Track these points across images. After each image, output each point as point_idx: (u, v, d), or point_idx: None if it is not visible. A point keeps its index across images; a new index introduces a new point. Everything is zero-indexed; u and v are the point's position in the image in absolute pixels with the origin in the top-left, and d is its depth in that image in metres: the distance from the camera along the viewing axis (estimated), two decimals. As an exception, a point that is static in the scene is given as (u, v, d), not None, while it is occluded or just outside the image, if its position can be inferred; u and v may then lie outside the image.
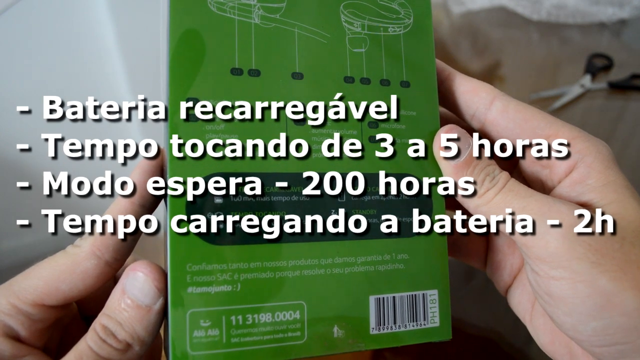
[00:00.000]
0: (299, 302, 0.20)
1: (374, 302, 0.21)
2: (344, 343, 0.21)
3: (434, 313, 0.22)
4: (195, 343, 0.19)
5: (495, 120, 0.23)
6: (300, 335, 0.20)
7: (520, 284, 0.24)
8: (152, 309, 0.19)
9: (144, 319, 0.19)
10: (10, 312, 0.19)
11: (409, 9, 0.24)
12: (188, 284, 0.19)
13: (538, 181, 0.23)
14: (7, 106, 0.46)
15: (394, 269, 0.22)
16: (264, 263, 0.20)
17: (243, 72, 0.21)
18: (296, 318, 0.20)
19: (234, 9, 0.21)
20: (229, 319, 0.20)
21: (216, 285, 0.20)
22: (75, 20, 0.55)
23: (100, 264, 0.20)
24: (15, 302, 0.20)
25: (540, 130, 0.22)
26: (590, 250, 0.18)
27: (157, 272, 0.20)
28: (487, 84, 0.23)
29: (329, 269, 0.21)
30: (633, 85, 0.57)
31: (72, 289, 0.20)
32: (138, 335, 0.19)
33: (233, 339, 0.19)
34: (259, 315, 0.20)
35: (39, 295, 0.20)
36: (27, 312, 0.20)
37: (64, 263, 0.20)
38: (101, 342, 0.19)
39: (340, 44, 0.22)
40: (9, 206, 0.40)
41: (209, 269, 0.19)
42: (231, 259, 0.20)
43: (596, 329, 0.18)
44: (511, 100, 0.23)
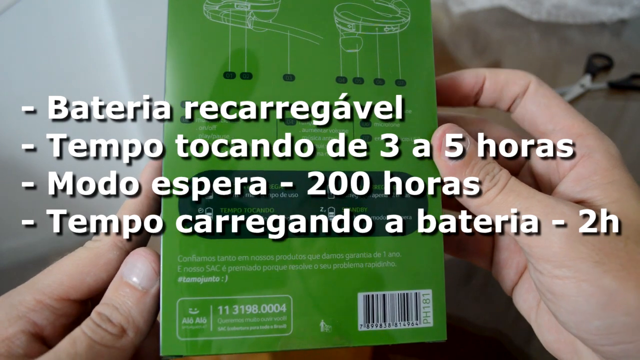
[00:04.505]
0: (286, 296, 0.21)
1: (362, 299, 0.22)
2: (331, 338, 0.21)
3: (427, 313, 0.22)
4: (184, 330, 0.20)
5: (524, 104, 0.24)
6: (286, 328, 0.21)
7: (526, 282, 0.24)
8: (148, 292, 0.20)
9: (140, 302, 0.20)
10: (35, 307, 0.20)
11: (407, 8, 0.24)
12: (178, 274, 0.21)
13: (546, 175, 0.23)
14: (11, 106, 0.46)
15: (384, 267, 0.22)
16: (252, 257, 0.21)
17: (235, 76, 0.22)
18: (282, 311, 0.21)
19: (228, 16, 0.23)
20: (216, 309, 0.21)
21: (205, 276, 0.21)
22: (75, 20, 0.55)
23: (122, 254, 0.21)
24: (40, 297, 0.20)
25: (558, 118, 0.23)
26: (594, 249, 0.18)
27: (155, 256, 0.21)
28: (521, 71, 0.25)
29: (317, 264, 0.22)
30: (633, 85, 0.57)
31: (97, 280, 0.21)
32: (134, 319, 0.20)
33: (220, 327, 0.21)
34: (245, 307, 0.21)
35: (65, 289, 0.20)
36: (52, 307, 0.20)
37: (87, 256, 0.21)
38: (96, 326, 0.19)
39: (333, 46, 0.23)
40: (15, 206, 0.40)
41: (198, 260, 0.21)
42: (220, 251, 0.21)
43: (600, 328, 0.19)
44: (543, 85, 0.24)
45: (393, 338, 0.22)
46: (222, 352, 0.21)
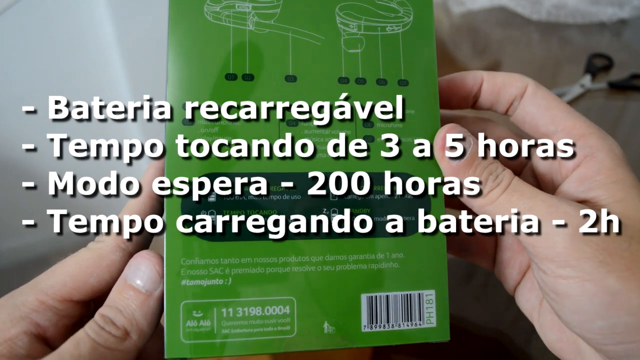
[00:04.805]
0: (289, 298, 0.21)
1: (365, 300, 0.22)
2: (334, 339, 0.21)
3: (431, 313, 0.22)
4: (188, 332, 0.20)
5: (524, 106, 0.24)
6: (290, 330, 0.21)
7: (528, 281, 0.24)
8: (152, 294, 0.20)
9: (144, 305, 0.20)
10: (37, 308, 0.20)
11: (409, 7, 0.24)
12: (182, 277, 0.21)
13: (548, 175, 0.23)
14: (11, 106, 0.46)
15: (387, 268, 0.22)
16: (255, 259, 0.21)
17: (237, 77, 0.22)
18: (286, 313, 0.21)
19: (229, 17, 0.22)
20: (220, 311, 0.21)
21: (208, 279, 0.21)
22: (75, 20, 0.55)
23: (125, 256, 0.21)
24: (43, 298, 0.20)
25: (559, 119, 0.23)
26: (597, 249, 0.18)
27: (158, 259, 0.21)
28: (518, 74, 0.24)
29: (320, 266, 0.22)
30: (633, 85, 0.57)
31: (100, 281, 0.21)
32: (137, 322, 0.20)
33: (224, 330, 0.21)
34: (249, 309, 0.21)
35: (68, 290, 0.20)
36: (55, 308, 0.20)
37: (90, 257, 0.21)
38: (99, 328, 0.19)
39: (335, 46, 0.23)
40: (15, 206, 0.40)
41: (201, 263, 0.21)
42: (223, 254, 0.21)
43: (603, 327, 0.19)
44: (541, 87, 0.24)
45: (396, 339, 0.22)
46: (226, 354, 0.21)
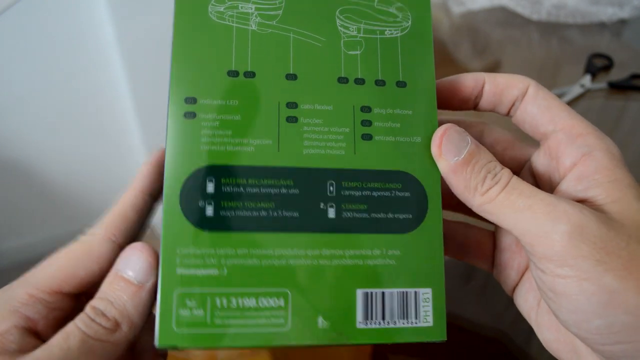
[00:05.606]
0: (284, 290, 0.21)
1: (361, 295, 0.22)
2: (329, 334, 0.21)
3: (427, 312, 0.22)
4: (181, 321, 0.20)
5: (525, 106, 0.24)
6: (283, 323, 0.21)
7: (527, 282, 0.24)
8: (143, 286, 0.20)
9: (135, 297, 0.20)
10: (27, 301, 0.20)
11: (407, 12, 0.25)
12: (177, 265, 0.21)
13: (547, 174, 0.23)
14: (11, 106, 0.46)
15: (384, 265, 0.22)
16: (251, 250, 0.21)
17: (239, 74, 0.23)
18: (280, 305, 0.21)
19: (232, 17, 0.23)
20: (214, 301, 0.21)
21: (203, 268, 0.21)
22: (75, 20, 0.55)
23: (114, 247, 0.21)
24: (33, 292, 0.20)
25: (558, 119, 0.23)
26: (595, 248, 0.18)
27: (151, 251, 0.21)
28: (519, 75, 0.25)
29: (316, 260, 0.22)
30: (633, 85, 0.57)
31: (89, 273, 0.21)
32: (128, 313, 0.20)
33: (217, 320, 0.21)
34: (243, 300, 0.21)
35: (57, 282, 0.20)
36: (44, 301, 0.20)
37: (79, 249, 0.21)
38: (90, 320, 0.19)
39: (335, 47, 0.24)
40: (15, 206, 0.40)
41: (197, 252, 0.21)
42: (219, 244, 0.21)
43: (600, 327, 0.19)
44: (542, 88, 0.24)
45: (392, 336, 0.22)
46: (218, 345, 0.20)
